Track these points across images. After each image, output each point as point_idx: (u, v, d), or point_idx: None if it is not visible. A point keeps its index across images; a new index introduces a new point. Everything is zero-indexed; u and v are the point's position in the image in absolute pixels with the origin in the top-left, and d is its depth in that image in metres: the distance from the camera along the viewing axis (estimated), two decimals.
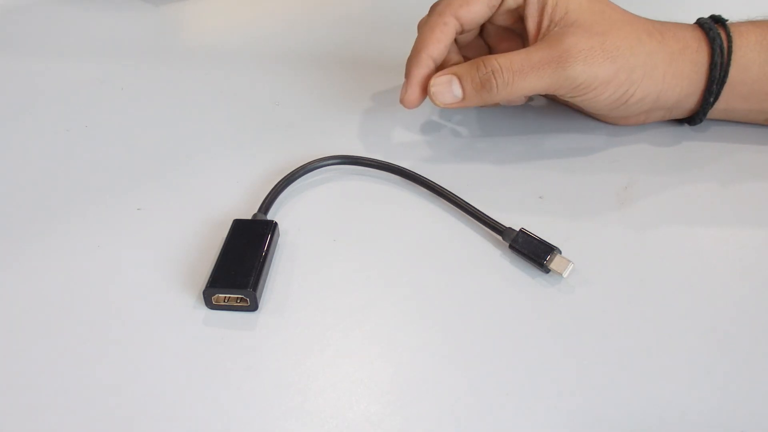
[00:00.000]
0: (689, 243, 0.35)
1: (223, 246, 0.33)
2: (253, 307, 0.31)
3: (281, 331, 0.30)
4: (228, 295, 0.31)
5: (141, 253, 0.34)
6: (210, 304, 0.31)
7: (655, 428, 0.26)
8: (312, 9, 0.60)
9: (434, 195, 0.37)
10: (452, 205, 0.36)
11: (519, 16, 0.39)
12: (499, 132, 0.43)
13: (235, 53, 0.52)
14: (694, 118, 0.40)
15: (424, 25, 0.39)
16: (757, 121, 0.41)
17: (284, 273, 0.33)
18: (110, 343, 0.30)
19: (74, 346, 0.30)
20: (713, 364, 0.29)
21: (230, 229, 0.34)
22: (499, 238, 0.34)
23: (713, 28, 0.38)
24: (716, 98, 0.38)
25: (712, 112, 0.40)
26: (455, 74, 0.37)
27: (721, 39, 0.37)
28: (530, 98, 0.45)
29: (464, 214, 0.36)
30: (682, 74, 0.38)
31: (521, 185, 0.38)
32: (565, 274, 0.32)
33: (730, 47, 0.37)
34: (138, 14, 0.59)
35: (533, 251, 0.33)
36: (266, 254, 0.32)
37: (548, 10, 0.37)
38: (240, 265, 0.32)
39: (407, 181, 0.38)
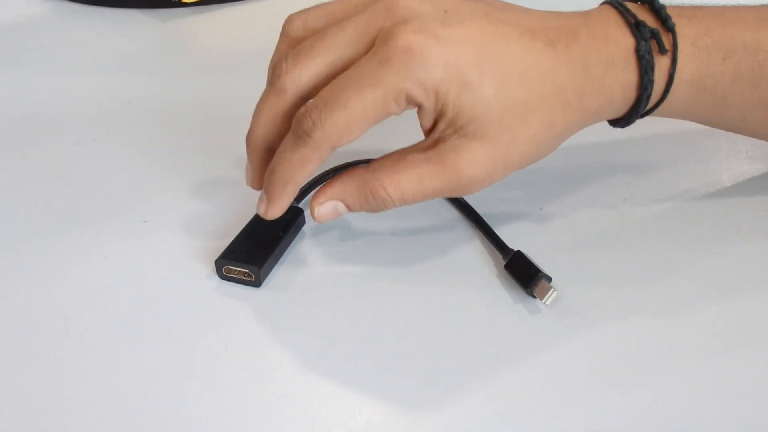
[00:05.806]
0: (690, 254, 0.35)
1: (248, 223, 0.35)
2: (257, 283, 0.33)
3: (282, 335, 0.31)
4: (237, 269, 0.34)
5: (147, 265, 0.35)
6: (221, 274, 0.34)
7: None
8: None
9: (444, 201, 0.38)
10: (460, 214, 0.37)
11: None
12: None
13: (243, 68, 0.52)
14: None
15: (288, 151, 0.30)
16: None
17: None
18: (114, 355, 0.30)
19: (79, 359, 0.30)
20: (712, 387, 0.28)
21: None
22: (499, 255, 0.35)
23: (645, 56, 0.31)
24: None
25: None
26: (341, 200, 0.32)
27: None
28: None
29: (471, 225, 0.37)
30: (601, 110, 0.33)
31: (521, 196, 0.39)
32: (547, 302, 0.31)
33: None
34: (145, 30, 0.59)
35: (522, 274, 0.33)
36: (281, 237, 0.35)
37: (447, 117, 0.30)
38: (253, 243, 0.34)
39: None
